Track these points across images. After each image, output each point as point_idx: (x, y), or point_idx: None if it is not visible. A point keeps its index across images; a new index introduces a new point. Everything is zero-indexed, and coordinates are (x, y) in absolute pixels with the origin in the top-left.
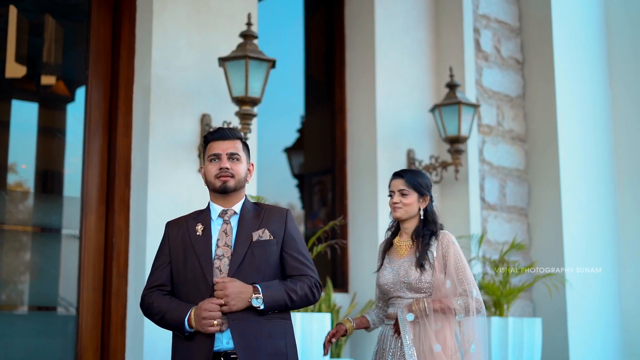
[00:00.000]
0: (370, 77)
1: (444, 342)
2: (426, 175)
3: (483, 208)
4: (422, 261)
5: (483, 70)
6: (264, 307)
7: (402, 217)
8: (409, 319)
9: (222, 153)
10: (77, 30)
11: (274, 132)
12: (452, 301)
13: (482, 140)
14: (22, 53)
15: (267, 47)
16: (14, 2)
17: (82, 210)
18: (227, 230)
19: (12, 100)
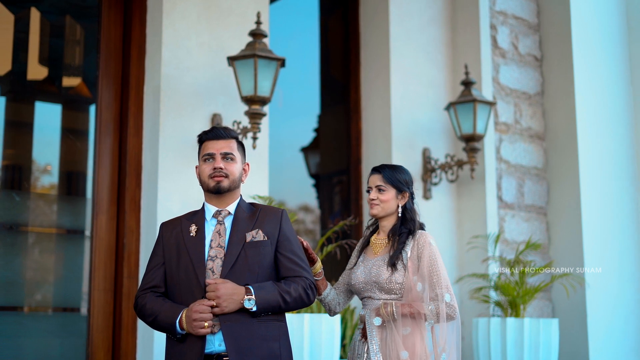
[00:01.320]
0: (385, 76)
1: (412, 348)
2: (406, 171)
3: (500, 207)
4: (395, 260)
5: (500, 67)
6: (256, 309)
7: (379, 214)
8: (375, 323)
9: (216, 153)
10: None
11: (290, 131)
12: (423, 306)
13: (499, 139)
14: (44, 55)
15: (283, 47)
16: (35, 4)
17: (93, 211)
18: (220, 231)
19: (35, 102)
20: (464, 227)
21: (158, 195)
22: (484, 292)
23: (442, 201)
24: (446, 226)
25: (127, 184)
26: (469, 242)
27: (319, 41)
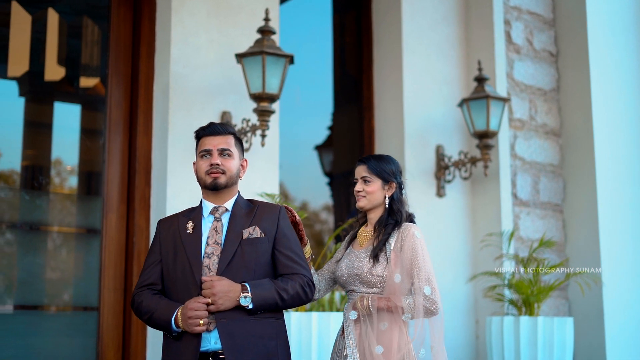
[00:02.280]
0: (398, 74)
1: (389, 343)
2: (393, 161)
3: (515, 204)
4: (377, 252)
5: (514, 63)
6: (252, 307)
7: (366, 206)
8: (351, 317)
9: (213, 149)
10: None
11: (305, 130)
12: (402, 299)
13: (513, 135)
14: (62, 55)
15: (296, 45)
16: (52, 5)
17: (103, 210)
18: (217, 227)
19: (54, 102)
20: (478, 225)
21: (167, 194)
22: (498, 290)
23: (456, 199)
24: (460, 224)
25: (136, 183)
26: (482, 240)
27: (332, 39)
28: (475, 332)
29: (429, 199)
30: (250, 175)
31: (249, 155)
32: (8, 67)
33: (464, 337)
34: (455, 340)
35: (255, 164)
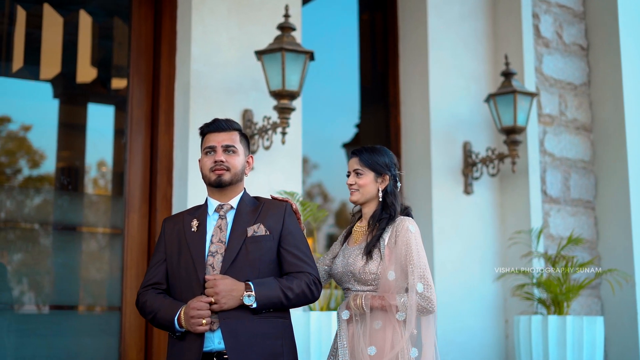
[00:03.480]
0: (424, 70)
1: (382, 343)
2: (387, 153)
3: (545, 202)
4: (370, 249)
5: (543, 57)
6: (256, 306)
7: (359, 200)
8: (343, 317)
9: (217, 145)
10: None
11: (332, 128)
12: (396, 297)
13: (543, 131)
14: (95, 56)
15: (322, 43)
16: (83, 6)
17: (125, 209)
18: (222, 225)
19: (87, 103)
20: (506, 223)
21: (189, 193)
22: (527, 289)
23: (484, 196)
24: (488, 221)
25: (158, 182)
26: (510, 238)
27: (358, 36)
28: (504, 332)
29: (456, 196)
30: (272, 173)
31: (270, 153)
32: (41, 69)
33: (493, 337)
34: (484, 339)
35: (278, 162)
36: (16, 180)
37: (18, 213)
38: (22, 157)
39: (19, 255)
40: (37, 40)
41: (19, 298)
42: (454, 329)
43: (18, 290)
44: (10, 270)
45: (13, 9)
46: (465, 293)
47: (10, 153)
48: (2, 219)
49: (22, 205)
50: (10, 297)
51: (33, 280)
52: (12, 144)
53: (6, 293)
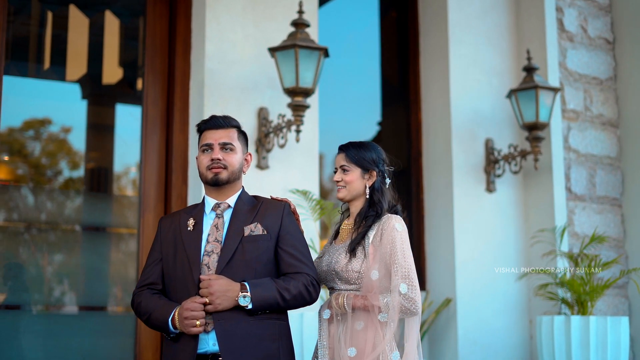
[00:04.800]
0: (444, 65)
1: (363, 345)
2: (374, 148)
3: (569, 199)
4: (354, 246)
5: (567, 51)
6: (252, 307)
7: (345, 197)
8: (324, 316)
9: (215, 143)
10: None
11: (354, 126)
12: (379, 297)
13: (567, 127)
14: (121, 57)
15: (343, 40)
16: (109, 7)
17: (140, 209)
18: (218, 224)
19: (115, 104)
20: (530, 221)
21: (202, 192)
22: (550, 288)
23: (507, 194)
24: (511, 220)
25: (173, 181)
26: (533, 237)
27: (379, 33)
28: (529, 332)
29: (478, 194)
30: (287, 171)
31: (285, 151)
32: (67, 70)
33: (517, 338)
34: (508, 340)
35: (293, 160)
36: (49, 181)
37: (48, 214)
38: (62, 159)
39: (39, 257)
40: (63, 41)
41: (37, 298)
42: (476, 329)
43: (36, 291)
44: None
45: (40, 11)
46: (488, 293)
47: (50, 155)
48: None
49: (52, 206)
50: (28, 297)
51: (50, 280)
52: (52, 145)
53: (23, 293)
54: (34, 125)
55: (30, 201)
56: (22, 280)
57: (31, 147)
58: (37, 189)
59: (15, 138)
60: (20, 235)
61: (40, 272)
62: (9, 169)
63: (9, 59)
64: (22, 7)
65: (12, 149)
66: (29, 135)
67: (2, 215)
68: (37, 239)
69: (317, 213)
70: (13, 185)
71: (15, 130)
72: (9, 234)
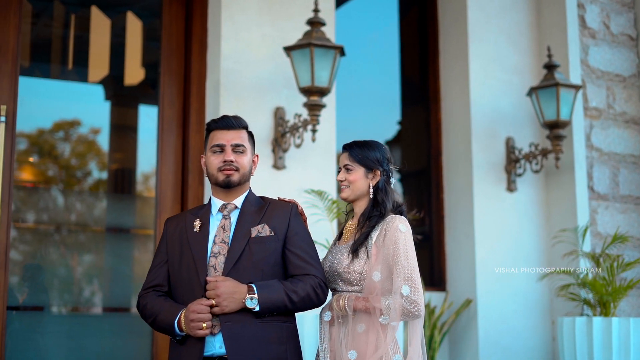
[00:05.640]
0: (464, 63)
1: (364, 348)
2: (379, 147)
3: (592, 198)
4: (357, 247)
5: (589, 48)
6: (259, 309)
7: (349, 197)
8: (325, 318)
9: (227, 144)
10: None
11: (374, 125)
12: (380, 299)
13: (589, 125)
14: (142, 58)
15: (361, 39)
16: (130, 8)
17: (156, 210)
18: (225, 225)
19: (138, 105)
20: (552, 220)
21: None
22: (572, 289)
23: (528, 193)
24: (533, 219)
25: (189, 182)
26: (554, 237)
27: (399, 32)
28: (551, 334)
29: (499, 193)
30: (304, 171)
31: (301, 150)
32: (90, 72)
33: (539, 339)
34: (530, 341)
35: (310, 160)
36: (77, 182)
37: (72, 215)
38: (90, 160)
39: (64, 258)
40: (85, 42)
41: (60, 299)
42: (497, 331)
43: (59, 292)
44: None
45: (62, 13)
46: (509, 293)
47: (80, 156)
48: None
49: (77, 207)
50: (49, 298)
51: (73, 282)
52: (82, 146)
53: (41, 294)
54: (64, 126)
55: (58, 202)
56: (45, 281)
57: (61, 148)
58: (62, 191)
59: (46, 139)
60: (47, 236)
61: (63, 273)
62: (38, 170)
63: (32, 61)
64: (44, 9)
65: (42, 151)
66: (59, 137)
67: (30, 216)
68: (62, 240)
69: (333, 213)
70: (40, 187)
71: (45, 131)
72: (37, 235)
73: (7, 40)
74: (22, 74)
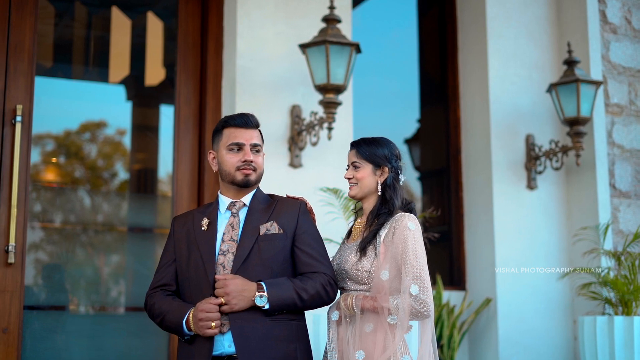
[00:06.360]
0: (483, 60)
1: (372, 348)
2: (387, 144)
3: (614, 196)
4: (365, 245)
5: (610, 44)
6: (269, 307)
7: (357, 194)
8: (332, 318)
9: (246, 144)
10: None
11: (394, 123)
12: (389, 299)
13: (610, 121)
14: (163, 58)
15: (380, 37)
16: (150, 8)
17: (173, 209)
18: (234, 223)
19: (159, 105)
20: (573, 218)
21: None
22: (593, 288)
23: (549, 191)
24: (553, 217)
25: (206, 181)
26: (575, 235)
27: (417, 29)
28: (573, 333)
29: (519, 191)
30: (320, 169)
31: (318, 149)
32: (110, 72)
33: (560, 338)
34: (551, 341)
35: (326, 158)
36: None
37: (94, 215)
38: (111, 160)
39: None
40: (106, 43)
41: (81, 299)
42: (518, 330)
43: (73, 291)
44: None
45: (83, 14)
46: (530, 292)
47: (104, 156)
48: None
49: (100, 208)
50: (65, 298)
51: (96, 281)
52: (107, 147)
53: (62, 294)
54: (90, 127)
55: (81, 202)
56: (66, 280)
57: (87, 149)
58: (86, 191)
59: (73, 141)
60: (70, 236)
61: (85, 272)
62: (62, 171)
63: (55, 62)
64: (65, 10)
65: (68, 151)
66: (85, 138)
67: (53, 216)
68: (84, 240)
69: (348, 211)
70: (64, 187)
71: (72, 132)
72: (59, 235)
73: (22, 40)
74: (44, 74)
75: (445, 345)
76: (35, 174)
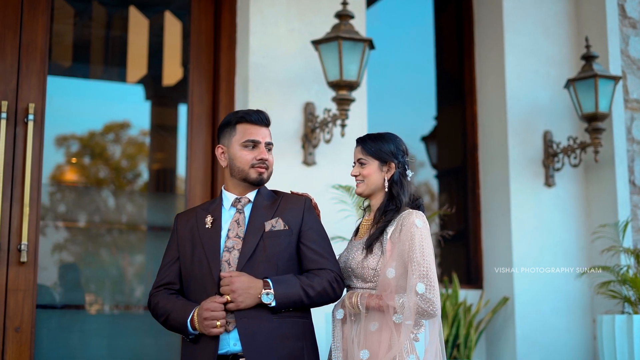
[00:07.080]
0: (500, 56)
1: (377, 347)
2: (394, 139)
3: (633, 193)
4: (371, 242)
5: (630, 38)
6: (275, 304)
7: (364, 191)
8: (337, 316)
9: (262, 141)
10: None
11: (411, 121)
12: (395, 297)
13: (630, 117)
14: (181, 57)
15: (397, 34)
16: (168, 7)
17: (186, 207)
18: (239, 220)
19: (178, 104)
20: (592, 216)
21: None
22: (612, 286)
23: (567, 188)
24: (572, 215)
25: (219, 180)
26: (594, 232)
27: (434, 26)
28: (592, 332)
29: (537, 188)
30: (334, 166)
31: (331, 146)
32: (128, 72)
33: (579, 337)
34: (570, 340)
35: (340, 155)
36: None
37: (114, 214)
38: (132, 160)
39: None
40: (123, 42)
41: (98, 298)
42: (536, 329)
43: (94, 290)
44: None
45: (101, 13)
46: (548, 291)
47: (126, 157)
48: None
49: (118, 206)
50: (81, 298)
51: (113, 280)
52: (130, 148)
53: (77, 293)
54: (114, 128)
55: (101, 202)
56: (85, 279)
57: (111, 150)
58: (106, 190)
59: (97, 142)
60: (90, 235)
61: (104, 271)
62: (82, 171)
63: (74, 61)
64: (83, 10)
65: (93, 152)
66: (109, 139)
67: (82, 216)
68: (103, 239)
69: (361, 209)
70: (82, 187)
71: (96, 133)
72: (79, 234)
73: (35, 39)
74: (63, 74)
75: (462, 344)
76: (59, 175)
